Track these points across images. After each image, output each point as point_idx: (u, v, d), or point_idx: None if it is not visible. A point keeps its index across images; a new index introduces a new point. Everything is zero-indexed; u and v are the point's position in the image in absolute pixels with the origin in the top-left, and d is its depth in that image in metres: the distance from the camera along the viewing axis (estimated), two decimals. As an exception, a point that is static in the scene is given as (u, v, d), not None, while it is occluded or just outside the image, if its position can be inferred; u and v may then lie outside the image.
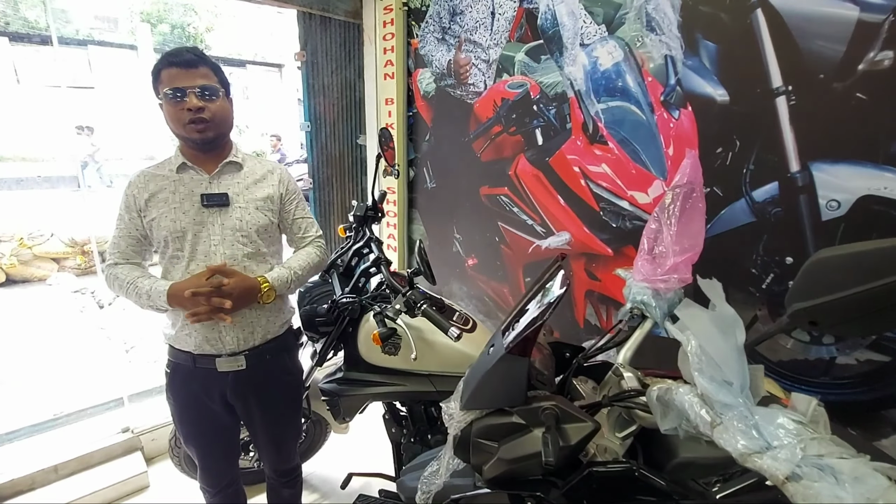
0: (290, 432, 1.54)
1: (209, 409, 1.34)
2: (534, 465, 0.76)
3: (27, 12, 10.93)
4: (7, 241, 5.16)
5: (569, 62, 1.76)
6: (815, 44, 1.20)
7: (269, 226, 1.33)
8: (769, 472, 0.52)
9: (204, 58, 1.20)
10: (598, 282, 1.85)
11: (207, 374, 1.30)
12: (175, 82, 1.15)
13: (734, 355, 0.61)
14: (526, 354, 0.77)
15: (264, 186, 1.33)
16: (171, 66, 1.16)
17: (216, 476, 1.46)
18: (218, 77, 1.22)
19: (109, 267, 1.26)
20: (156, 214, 1.22)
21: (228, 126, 1.28)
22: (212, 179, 1.27)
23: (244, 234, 1.28)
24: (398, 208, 2.71)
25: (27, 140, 10.02)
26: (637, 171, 1.63)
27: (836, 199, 1.22)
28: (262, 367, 1.34)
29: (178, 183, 1.24)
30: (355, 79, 2.73)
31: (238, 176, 1.30)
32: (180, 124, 1.18)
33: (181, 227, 1.22)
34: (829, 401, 1.30)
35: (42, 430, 2.16)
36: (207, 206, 1.24)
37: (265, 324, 1.33)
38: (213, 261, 1.24)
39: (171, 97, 1.16)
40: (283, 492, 1.63)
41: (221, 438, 1.42)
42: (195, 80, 1.17)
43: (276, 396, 1.42)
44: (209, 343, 1.26)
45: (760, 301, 1.40)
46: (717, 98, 1.40)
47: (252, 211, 1.29)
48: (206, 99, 1.18)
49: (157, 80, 1.19)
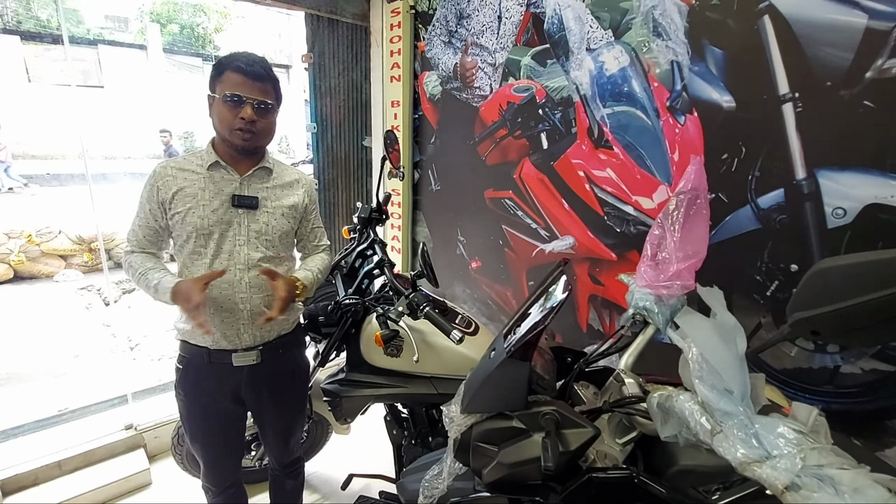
0: (297, 424, 1.57)
1: (219, 405, 1.37)
2: (533, 469, 0.76)
3: (40, 12, 11.06)
4: (15, 237, 5.21)
5: (575, 67, 1.76)
6: (822, 51, 1.20)
7: (290, 232, 1.37)
8: (768, 481, 0.52)
9: (270, 73, 1.22)
10: (602, 286, 1.84)
11: (221, 369, 1.33)
12: (237, 88, 1.17)
13: (735, 363, 0.61)
14: (527, 359, 0.77)
15: (291, 195, 1.36)
16: (237, 71, 1.17)
17: (220, 476, 1.47)
18: (276, 93, 1.25)
19: (126, 254, 1.29)
20: (182, 209, 1.23)
21: (271, 138, 1.31)
22: (243, 181, 1.28)
23: (268, 239, 1.31)
24: (403, 210, 2.71)
25: (38, 138, 10.14)
26: (642, 177, 1.62)
27: (842, 207, 1.21)
28: (274, 361, 1.39)
29: (209, 180, 1.25)
30: (362, 81, 2.74)
31: (267, 181, 1.33)
32: (229, 128, 1.20)
33: (208, 224, 1.24)
34: (832, 410, 1.29)
35: (46, 426, 2.17)
36: (237, 206, 1.26)
37: (280, 321, 1.37)
38: (235, 260, 1.26)
39: (229, 101, 1.17)
40: (287, 483, 1.66)
41: (228, 436, 1.44)
42: (256, 92, 1.19)
43: (287, 389, 1.46)
44: (227, 339, 1.29)
45: (765, 308, 1.39)
46: (724, 104, 1.40)
47: (278, 217, 1.32)
48: (261, 113, 1.21)
49: (217, 77, 1.20)
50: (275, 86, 1.25)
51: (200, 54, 13.26)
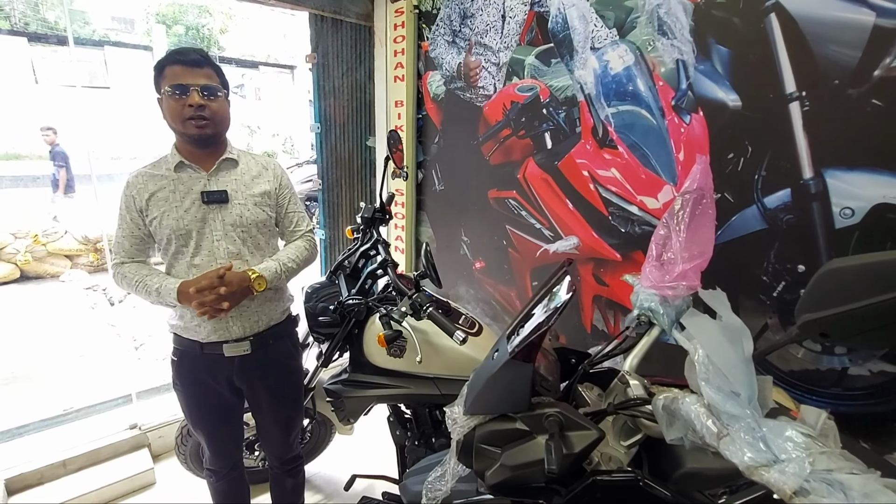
0: (293, 416, 1.59)
1: (216, 391, 1.40)
2: (537, 472, 0.75)
3: (47, 13, 11.14)
4: (22, 237, 5.25)
5: (579, 66, 1.75)
6: (829, 49, 1.18)
7: (267, 220, 1.38)
8: (776, 486, 0.51)
9: (208, 59, 1.25)
10: (606, 287, 1.83)
11: (214, 360, 1.35)
12: (178, 79, 1.19)
13: (742, 365, 0.60)
14: (530, 360, 0.76)
15: (260, 182, 1.37)
16: (175, 63, 1.20)
17: (223, 457, 1.52)
18: (220, 79, 1.27)
19: (116, 266, 1.31)
20: (157, 213, 1.26)
21: (226, 125, 1.31)
22: (210, 176, 1.30)
23: (244, 230, 1.32)
24: (406, 210, 2.71)
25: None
26: (647, 176, 1.61)
27: (849, 207, 1.20)
28: (265, 351, 1.41)
29: (177, 181, 1.27)
30: (366, 81, 2.74)
31: (235, 173, 1.34)
32: (180, 120, 1.21)
33: (184, 224, 1.26)
34: (840, 412, 1.27)
35: (51, 426, 2.18)
36: (208, 202, 1.28)
37: (268, 312, 1.40)
38: (215, 255, 1.29)
39: (174, 93, 1.19)
40: (287, 482, 1.66)
41: (228, 419, 1.48)
42: (198, 78, 1.21)
43: (280, 378, 1.49)
44: (216, 333, 1.32)
45: (771, 309, 1.37)
46: (730, 103, 1.38)
47: (251, 207, 1.33)
48: (207, 97, 1.21)
49: (160, 76, 1.22)
50: (217, 71, 1.26)
51: (206, 55, 13.30)
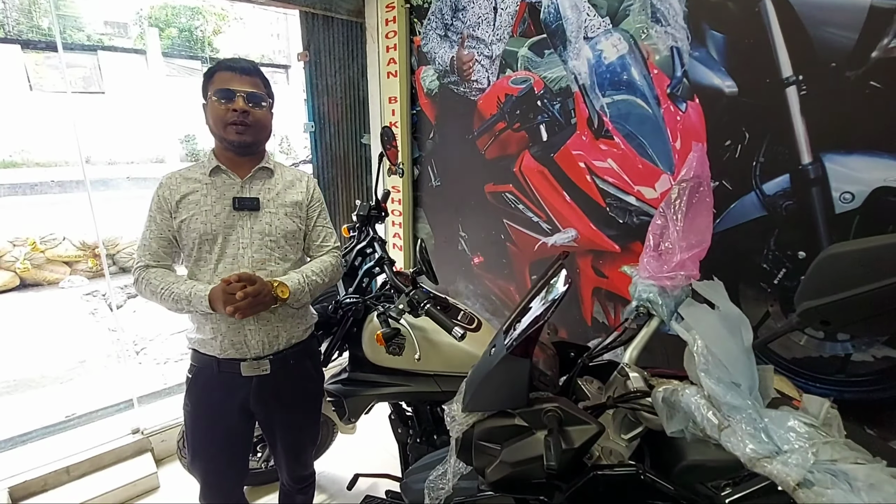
0: (309, 439, 1.52)
1: (225, 418, 1.32)
2: (537, 468, 0.74)
3: (40, 20, 11.09)
4: (20, 244, 5.24)
5: (573, 56, 1.73)
6: (826, 31, 1.16)
7: (296, 232, 1.33)
8: (779, 477, 0.50)
9: (258, 70, 1.26)
10: (606, 279, 1.82)
11: (230, 380, 1.29)
12: (226, 84, 1.20)
13: (742, 356, 0.59)
14: (528, 355, 0.75)
15: (293, 193, 1.34)
16: (226, 69, 1.21)
17: (221, 494, 1.40)
18: (266, 89, 1.27)
19: (141, 270, 1.24)
20: (186, 216, 1.22)
21: (267, 135, 1.30)
22: (244, 184, 1.27)
23: (272, 239, 1.28)
24: (403, 207, 2.69)
25: (41, 145, 10.18)
26: (644, 166, 1.60)
27: (849, 192, 1.19)
28: (285, 372, 1.33)
29: (211, 186, 1.25)
30: (359, 78, 2.72)
31: (269, 182, 1.31)
32: (222, 124, 1.21)
33: (212, 229, 1.23)
34: (844, 399, 1.26)
35: (54, 432, 2.18)
36: (239, 209, 1.25)
37: (289, 328, 1.32)
38: (240, 263, 1.24)
39: (220, 97, 1.19)
40: (297, 498, 1.60)
41: (232, 455, 1.38)
42: (245, 85, 1.22)
43: (297, 402, 1.41)
44: (234, 347, 1.25)
45: (772, 297, 1.36)
46: (726, 89, 1.37)
47: (281, 216, 1.30)
48: (252, 105, 1.22)
49: (208, 81, 1.22)
50: (264, 81, 1.27)
51: (199, 57, 13.25)
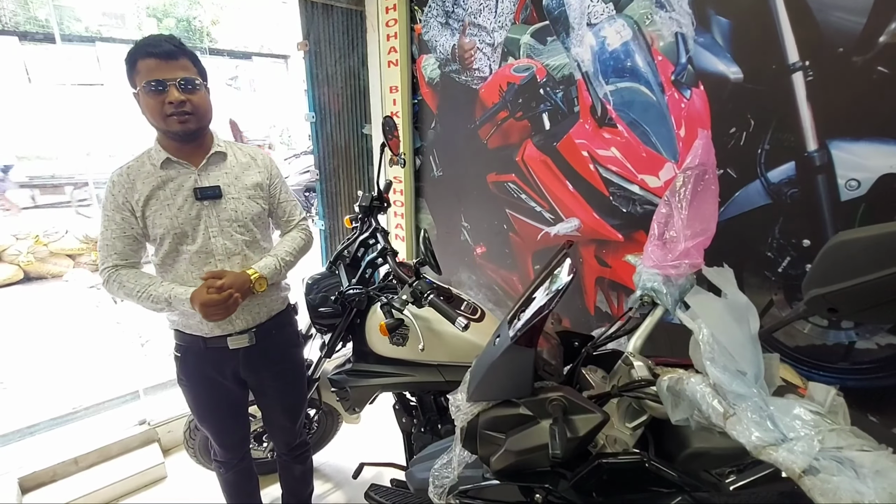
0: (298, 402, 1.60)
1: (221, 384, 1.40)
2: (542, 456, 0.75)
3: (37, 11, 11.00)
4: (23, 238, 5.25)
5: (576, 43, 1.71)
6: (833, 16, 1.15)
7: (261, 213, 1.36)
8: (785, 465, 0.50)
9: (183, 48, 1.17)
10: (609, 268, 1.82)
11: (219, 353, 1.35)
12: (155, 74, 1.12)
13: (748, 344, 0.59)
14: (532, 345, 0.75)
15: (251, 175, 1.34)
16: (148, 56, 1.12)
17: (231, 449, 1.52)
18: (197, 68, 1.20)
19: (110, 271, 1.22)
20: (150, 213, 1.21)
21: (209, 117, 1.25)
22: (200, 172, 1.25)
23: (241, 224, 1.30)
24: (405, 197, 2.68)
25: (42, 139, 10.16)
26: (647, 154, 1.58)
27: (855, 179, 1.18)
28: (269, 341, 1.41)
29: (166, 178, 1.22)
30: (359, 67, 2.70)
31: (225, 166, 1.30)
32: (161, 117, 1.15)
33: (179, 223, 1.22)
34: (848, 387, 1.26)
35: (62, 424, 2.20)
36: (201, 199, 1.24)
37: (269, 303, 1.40)
38: (213, 252, 1.26)
39: (151, 90, 1.12)
40: (296, 468, 1.68)
41: (234, 412, 1.49)
42: (176, 72, 1.13)
43: (284, 366, 1.50)
44: (220, 327, 1.31)
45: (776, 285, 1.36)
46: (731, 76, 1.35)
47: (245, 200, 1.31)
48: (187, 91, 1.15)
49: (132, 71, 1.14)
50: (192, 59, 1.19)
51: (197, 48, 13.16)
